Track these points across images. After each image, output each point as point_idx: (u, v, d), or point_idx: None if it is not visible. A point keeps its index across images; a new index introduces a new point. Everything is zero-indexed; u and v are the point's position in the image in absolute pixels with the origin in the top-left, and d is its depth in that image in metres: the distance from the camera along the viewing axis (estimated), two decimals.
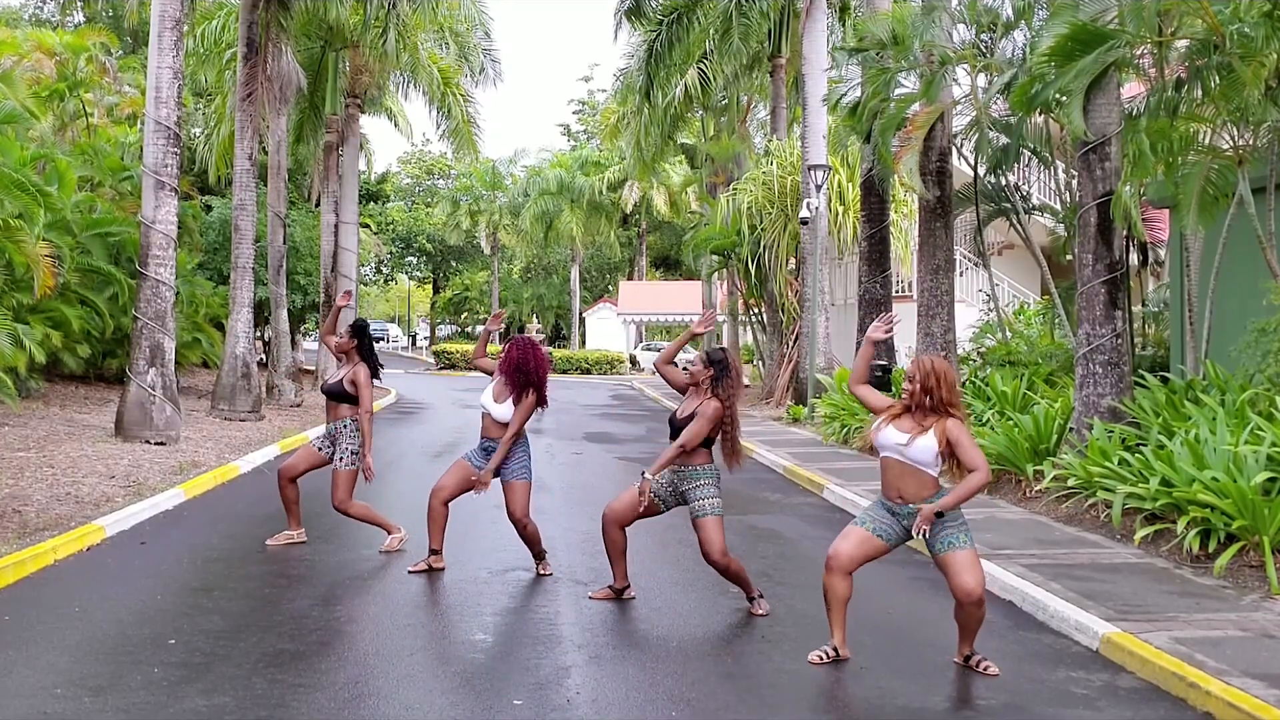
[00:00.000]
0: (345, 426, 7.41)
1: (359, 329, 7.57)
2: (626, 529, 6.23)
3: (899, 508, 5.09)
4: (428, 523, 6.89)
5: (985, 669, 5.13)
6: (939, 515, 4.96)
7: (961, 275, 21.70)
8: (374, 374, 7.45)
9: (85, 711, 4.41)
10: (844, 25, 22.44)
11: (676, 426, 6.02)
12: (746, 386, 28.42)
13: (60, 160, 16.08)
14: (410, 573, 6.83)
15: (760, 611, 6.10)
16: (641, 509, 6.06)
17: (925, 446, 4.98)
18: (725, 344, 32.96)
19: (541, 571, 6.97)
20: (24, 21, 34.52)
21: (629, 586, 6.37)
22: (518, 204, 48.01)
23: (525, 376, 6.62)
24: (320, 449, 7.54)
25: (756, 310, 24.76)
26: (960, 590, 4.97)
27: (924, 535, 4.97)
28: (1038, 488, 9.41)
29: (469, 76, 25.77)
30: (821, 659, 5.21)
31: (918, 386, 5.02)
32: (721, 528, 5.99)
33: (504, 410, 6.66)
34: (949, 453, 4.97)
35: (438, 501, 6.82)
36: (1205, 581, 6.70)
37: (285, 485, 7.57)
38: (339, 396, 7.41)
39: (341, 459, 7.39)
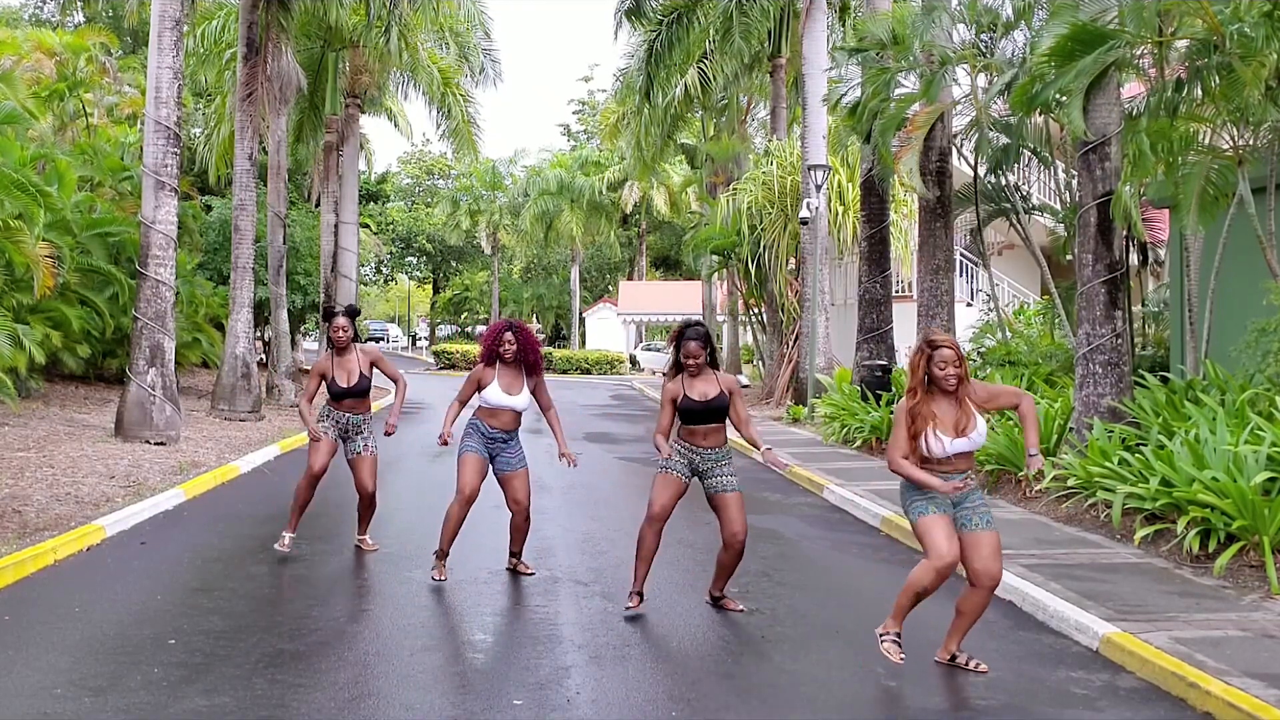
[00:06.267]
0: (368, 419, 7.47)
1: (356, 313, 7.58)
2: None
3: (958, 494, 4.99)
4: (454, 527, 6.64)
5: (976, 666, 5.13)
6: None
7: (961, 275, 21.70)
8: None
9: (85, 711, 4.42)
10: (844, 25, 22.44)
11: (706, 409, 5.91)
12: (746, 387, 28.44)
13: (60, 160, 16.09)
14: (435, 581, 6.65)
15: (737, 607, 6.14)
16: (680, 494, 6.01)
17: (983, 425, 4.96)
18: (725, 344, 32.97)
19: (523, 570, 6.94)
20: (24, 21, 34.52)
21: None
22: (518, 204, 48.02)
23: (533, 361, 6.70)
24: (326, 433, 7.35)
25: (756, 310, 24.77)
26: (986, 574, 4.95)
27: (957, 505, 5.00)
28: (1038, 488, 9.41)
29: (469, 76, 25.78)
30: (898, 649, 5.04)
31: (963, 368, 4.90)
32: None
33: (525, 400, 6.66)
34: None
35: (469, 508, 6.63)
36: (1205, 581, 6.70)
37: (311, 487, 7.30)
38: (365, 392, 7.40)
39: (368, 447, 7.41)
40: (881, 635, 5.10)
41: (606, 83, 61.93)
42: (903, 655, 5.03)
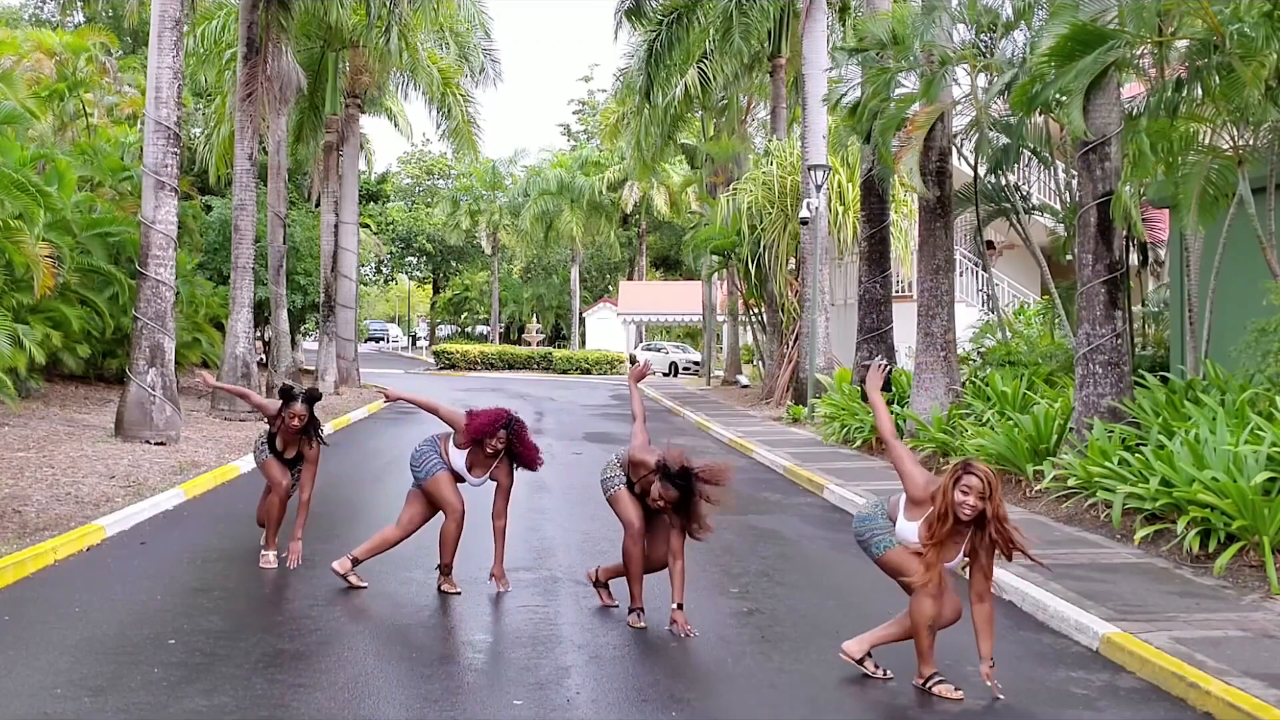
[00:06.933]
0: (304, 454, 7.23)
1: (317, 399, 7.08)
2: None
3: None
4: (454, 544, 6.42)
5: (885, 675, 5.03)
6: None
7: (961, 275, 21.70)
8: (320, 442, 7.16)
9: (85, 711, 4.41)
10: (844, 25, 22.45)
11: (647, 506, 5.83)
12: (745, 387, 28.41)
13: (60, 160, 16.09)
14: (452, 594, 6.43)
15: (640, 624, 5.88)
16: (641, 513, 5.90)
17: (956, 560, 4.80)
18: (725, 344, 32.92)
19: (449, 590, 6.48)
20: (24, 21, 34.54)
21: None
22: (518, 204, 48.01)
23: (522, 460, 6.39)
24: (269, 455, 7.14)
25: (756, 310, 24.77)
26: (954, 609, 4.89)
27: None
28: (1038, 488, 9.41)
29: (469, 76, 25.81)
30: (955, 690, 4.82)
31: (991, 504, 4.58)
32: None
33: (480, 482, 6.40)
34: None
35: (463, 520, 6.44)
36: (1205, 581, 6.70)
37: (283, 503, 7.12)
38: (293, 464, 7.20)
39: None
40: (925, 683, 4.84)
41: (606, 83, 61.92)
42: (960, 689, 4.80)
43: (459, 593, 6.41)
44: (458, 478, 6.43)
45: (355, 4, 21.18)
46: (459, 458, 6.35)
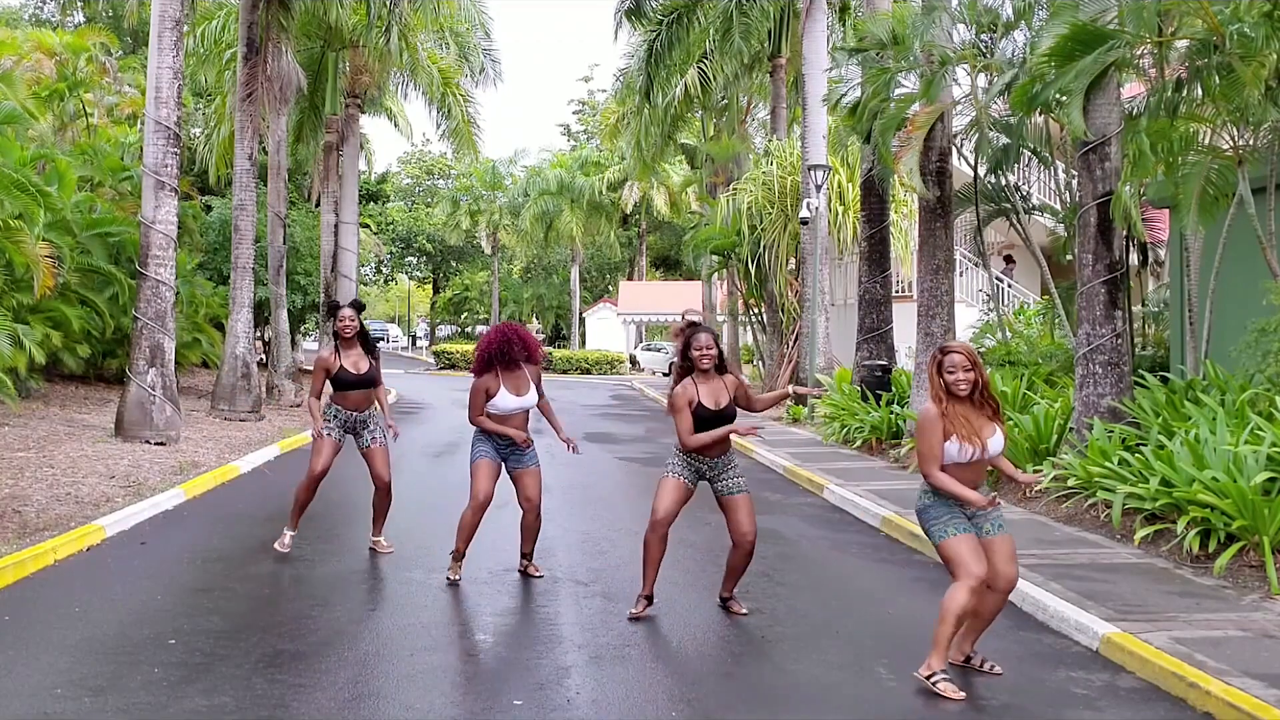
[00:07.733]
0: (374, 414, 7.52)
1: (361, 307, 7.61)
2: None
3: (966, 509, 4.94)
4: (469, 531, 6.65)
5: (991, 669, 5.11)
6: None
7: (961, 275, 21.69)
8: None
9: (85, 711, 4.42)
10: (844, 25, 22.44)
11: (718, 417, 5.78)
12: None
13: (60, 160, 16.09)
14: (451, 581, 6.67)
15: (741, 610, 6.10)
16: (685, 500, 5.94)
17: (1000, 435, 4.95)
18: (725, 345, 32.85)
19: (532, 573, 6.92)
20: (24, 21, 34.53)
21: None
22: (518, 204, 47.99)
23: (533, 356, 6.72)
24: (330, 434, 7.34)
25: (756, 310, 24.77)
26: (1004, 578, 4.92)
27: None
28: (1038, 488, 9.41)
29: (469, 76, 25.79)
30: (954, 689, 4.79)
31: (977, 375, 4.85)
32: None
33: (534, 396, 6.70)
34: None
35: (482, 513, 6.66)
36: (1205, 581, 6.70)
37: (312, 488, 7.34)
38: (374, 382, 7.44)
39: (377, 439, 7.46)
40: (929, 677, 4.78)
41: (606, 83, 61.91)
42: (962, 692, 4.77)
43: (458, 579, 6.61)
44: (522, 425, 6.73)
45: (355, 4, 21.16)
46: (508, 399, 6.58)
